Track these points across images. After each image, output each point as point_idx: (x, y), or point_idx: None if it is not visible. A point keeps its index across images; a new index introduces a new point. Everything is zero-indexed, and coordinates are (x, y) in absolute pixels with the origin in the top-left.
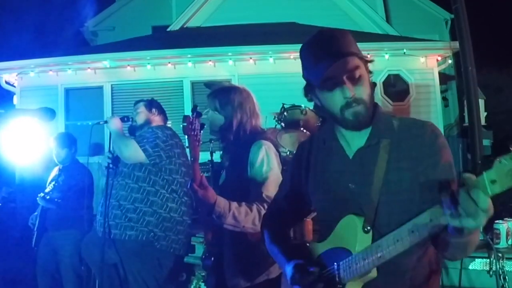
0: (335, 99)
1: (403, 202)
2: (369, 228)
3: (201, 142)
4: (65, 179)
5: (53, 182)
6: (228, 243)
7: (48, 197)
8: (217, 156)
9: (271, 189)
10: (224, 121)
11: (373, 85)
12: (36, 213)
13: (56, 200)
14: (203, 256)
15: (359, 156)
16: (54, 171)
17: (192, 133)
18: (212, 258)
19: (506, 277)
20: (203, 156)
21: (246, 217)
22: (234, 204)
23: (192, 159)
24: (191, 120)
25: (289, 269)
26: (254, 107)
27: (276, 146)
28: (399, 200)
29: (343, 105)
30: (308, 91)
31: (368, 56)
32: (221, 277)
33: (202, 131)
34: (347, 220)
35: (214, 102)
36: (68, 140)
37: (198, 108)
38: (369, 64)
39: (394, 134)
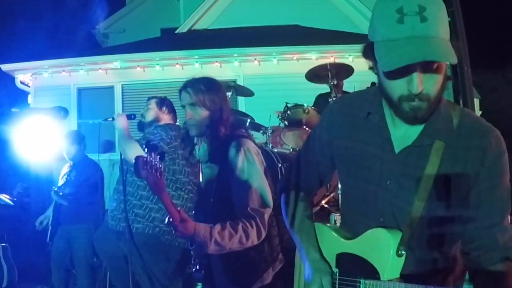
0: (398, 86)
1: (448, 222)
2: (403, 252)
3: (163, 175)
4: (76, 175)
5: (65, 177)
6: (215, 254)
7: (61, 193)
8: None
9: (255, 200)
10: (212, 116)
11: (447, 78)
12: (45, 215)
13: (68, 196)
14: (194, 269)
15: (406, 153)
16: (65, 168)
17: (152, 172)
18: (203, 271)
19: None
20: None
21: (231, 240)
22: (217, 229)
23: (161, 199)
24: (145, 159)
25: (307, 271)
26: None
27: (254, 142)
28: (445, 219)
29: (404, 96)
30: (369, 54)
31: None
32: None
33: (162, 162)
34: (380, 234)
35: (201, 97)
36: (78, 137)
37: (151, 142)
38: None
39: (452, 136)
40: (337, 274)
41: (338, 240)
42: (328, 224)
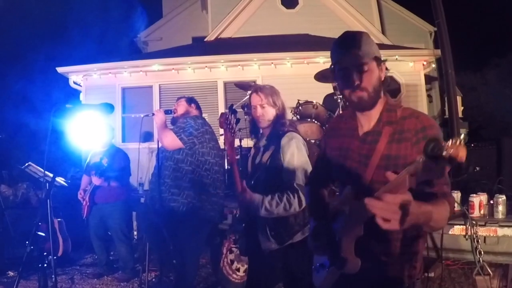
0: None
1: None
2: (360, 197)
3: (235, 134)
4: (109, 161)
5: (96, 162)
6: (263, 216)
7: (102, 178)
8: (245, 143)
9: (300, 178)
10: (276, 113)
11: (384, 79)
12: (85, 188)
13: (106, 179)
14: (235, 222)
15: (365, 137)
16: (94, 154)
17: (228, 126)
18: (243, 224)
19: (479, 240)
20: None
21: (277, 208)
22: (267, 199)
23: (230, 157)
24: (227, 116)
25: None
26: None
27: (303, 136)
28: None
29: (350, 90)
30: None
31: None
32: (251, 239)
33: (237, 124)
34: (348, 189)
35: (271, 97)
36: (109, 128)
37: (234, 106)
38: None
39: (396, 123)
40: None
41: (332, 206)
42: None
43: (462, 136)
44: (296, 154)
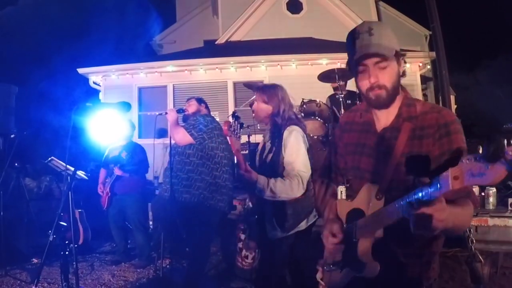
0: (363, 82)
1: (411, 180)
2: (381, 196)
3: (240, 138)
4: (128, 155)
5: (115, 156)
6: (269, 205)
7: (121, 171)
8: (253, 138)
9: (300, 166)
10: (272, 110)
11: (402, 74)
12: (103, 181)
13: (125, 171)
14: (248, 213)
15: (383, 133)
16: (113, 149)
17: (233, 133)
18: (256, 216)
19: (471, 230)
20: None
21: (280, 189)
22: (272, 180)
23: (236, 154)
24: (231, 124)
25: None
26: (289, 100)
27: (304, 130)
28: (409, 179)
29: (368, 88)
30: (349, 69)
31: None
32: (262, 229)
33: (242, 128)
34: (367, 187)
35: (263, 96)
36: (131, 125)
37: (236, 113)
38: (401, 58)
39: (416, 119)
40: (344, 226)
41: (346, 203)
42: (341, 197)
43: None
44: (295, 145)
